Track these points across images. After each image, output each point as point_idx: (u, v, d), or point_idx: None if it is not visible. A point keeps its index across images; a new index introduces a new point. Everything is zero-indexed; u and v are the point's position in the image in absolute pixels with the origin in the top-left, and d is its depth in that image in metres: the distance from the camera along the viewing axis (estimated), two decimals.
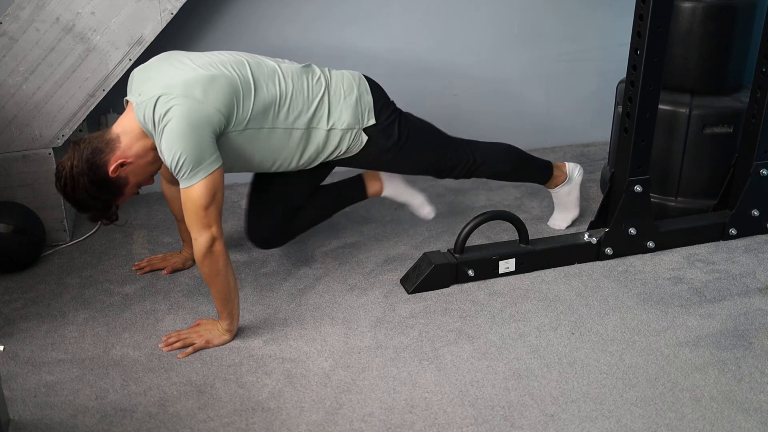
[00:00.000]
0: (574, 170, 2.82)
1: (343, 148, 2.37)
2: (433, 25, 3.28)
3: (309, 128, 2.29)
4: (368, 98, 2.38)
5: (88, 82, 2.66)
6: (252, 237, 2.51)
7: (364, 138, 2.37)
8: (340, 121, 2.32)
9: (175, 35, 2.93)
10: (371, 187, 2.68)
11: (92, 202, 2.12)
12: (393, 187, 2.70)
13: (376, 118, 2.38)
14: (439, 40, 3.31)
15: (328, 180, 2.59)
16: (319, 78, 2.32)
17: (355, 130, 2.35)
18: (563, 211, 2.89)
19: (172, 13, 2.65)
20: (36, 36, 2.57)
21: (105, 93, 2.69)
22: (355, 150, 2.39)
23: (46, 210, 2.73)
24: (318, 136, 2.31)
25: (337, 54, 3.18)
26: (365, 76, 2.44)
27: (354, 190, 2.68)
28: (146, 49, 2.65)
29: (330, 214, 2.67)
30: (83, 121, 2.75)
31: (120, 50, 2.64)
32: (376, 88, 2.43)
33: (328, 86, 2.32)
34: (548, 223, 2.92)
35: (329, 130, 2.32)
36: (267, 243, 2.54)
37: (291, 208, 2.50)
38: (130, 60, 2.65)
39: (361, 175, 2.69)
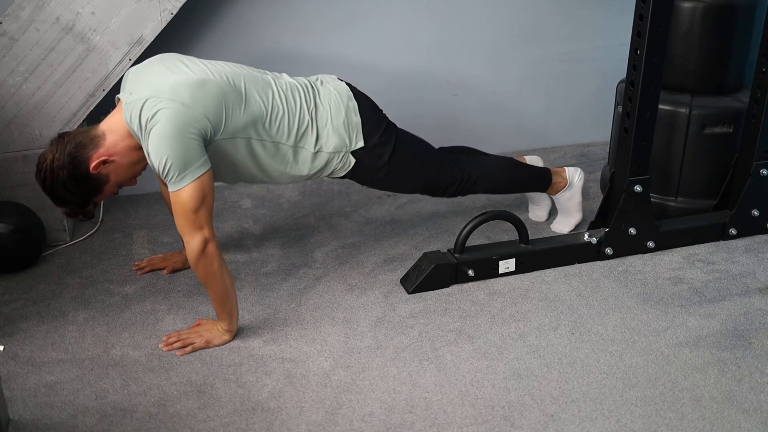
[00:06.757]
0: (574, 175, 2.79)
1: (330, 169, 2.36)
2: (433, 26, 3.28)
3: (296, 146, 2.28)
4: (356, 120, 2.34)
5: (88, 82, 2.66)
6: None
7: (352, 161, 2.36)
8: (327, 144, 2.30)
9: (175, 35, 2.93)
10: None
11: (69, 197, 2.12)
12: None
13: (365, 140, 2.35)
14: (439, 41, 3.31)
15: None
16: (310, 96, 2.30)
17: (342, 153, 2.33)
18: (566, 215, 2.86)
19: (172, 13, 2.65)
20: (36, 36, 2.57)
21: (105, 93, 2.69)
22: (343, 172, 2.39)
23: (46, 210, 2.72)
24: (305, 156, 2.30)
25: (337, 54, 3.18)
26: (354, 92, 2.39)
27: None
28: (146, 49, 2.65)
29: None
30: (83, 121, 2.75)
31: (120, 50, 2.64)
32: (364, 107, 2.38)
33: (316, 107, 2.30)
34: (551, 227, 2.90)
35: (316, 153, 2.31)
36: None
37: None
38: (130, 60, 2.65)
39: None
